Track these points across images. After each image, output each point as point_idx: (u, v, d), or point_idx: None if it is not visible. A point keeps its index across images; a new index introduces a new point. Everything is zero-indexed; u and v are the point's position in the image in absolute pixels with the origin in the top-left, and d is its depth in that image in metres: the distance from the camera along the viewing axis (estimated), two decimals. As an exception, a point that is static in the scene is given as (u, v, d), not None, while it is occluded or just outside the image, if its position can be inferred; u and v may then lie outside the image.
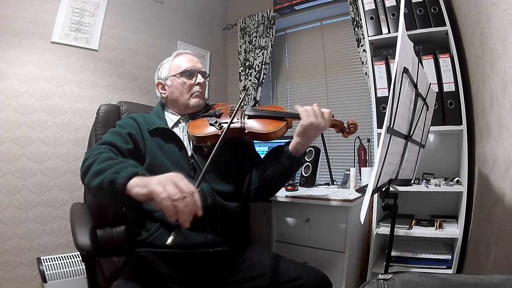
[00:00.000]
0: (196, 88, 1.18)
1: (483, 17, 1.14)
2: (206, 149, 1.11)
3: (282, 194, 1.55)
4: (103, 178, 0.80)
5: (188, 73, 1.17)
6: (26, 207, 1.63)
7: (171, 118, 1.19)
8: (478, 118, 1.35)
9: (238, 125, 1.09)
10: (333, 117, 1.11)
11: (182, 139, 1.11)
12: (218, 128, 1.10)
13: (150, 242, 1.00)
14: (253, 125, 1.11)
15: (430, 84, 1.10)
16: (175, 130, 1.14)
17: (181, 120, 1.18)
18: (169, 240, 0.71)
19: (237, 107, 1.04)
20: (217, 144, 0.89)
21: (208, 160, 0.84)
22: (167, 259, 0.98)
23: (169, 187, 0.70)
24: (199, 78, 1.18)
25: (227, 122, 1.11)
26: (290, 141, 1.08)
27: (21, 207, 1.62)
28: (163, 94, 1.21)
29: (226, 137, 0.95)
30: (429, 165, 1.68)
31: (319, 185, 1.94)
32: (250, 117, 1.13)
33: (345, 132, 1.12)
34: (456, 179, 1.49)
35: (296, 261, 1.07)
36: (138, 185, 0.75)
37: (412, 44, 0.86)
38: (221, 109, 1.20)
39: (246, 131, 1.09)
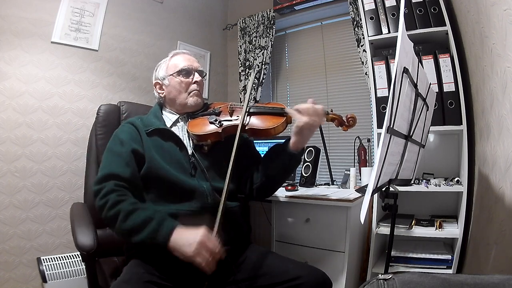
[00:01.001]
0: (194, 86, 1.18)
1: (483, 17, 1.14)
2: (206, 148, 1.11)
3: (282, 194, 1.55)
4: (141, 240, 0.91)
5: (185, 72, 1.18)
6: (26, 207, 1.63)
7: (169, 117, 1.19)
8: (478, 118, 1.34)
9: (238, 122, 1.09)
10: (331, 111, 1.12)
11: (182, 138, 1.11)
12: (218, 126, 1.10)
13: (150, 242, 1.00)
14: (253, 121, 1.11)
15: (430, 84, 1.10)
16: (173, 129, 1.14)
17: (179, 119, 1.19)
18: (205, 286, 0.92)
19: (246, 104, 1.08)
20: (236, 142, 0.99)
21: (232, 159, 0.97)
22: (167, 259, 0.98)
23: (204, 255, 0.87)
24: (196, 77, 1.19)
25: (227, 120, 1.12)
26: (289, 138, 1.09)
27: (21, 207, 1.62)
28: (161, 94, 1.21)
29: (241, 134, 1.03)
30: (429, 165, 1.68)
31: (319, 185, 1.94)
32: (249, 114, 1.13)
33: (344, 126, 1.12)
34: (456, 179, 1.49)
35: (296, 260, 1.07)
36: (177, 251, 0.89)
37: (412, 44, 0.86)
38: (220, 107, 1.20)
39: (246, 128, 1.10)
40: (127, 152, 1.04)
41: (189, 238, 0.88)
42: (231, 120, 1.12)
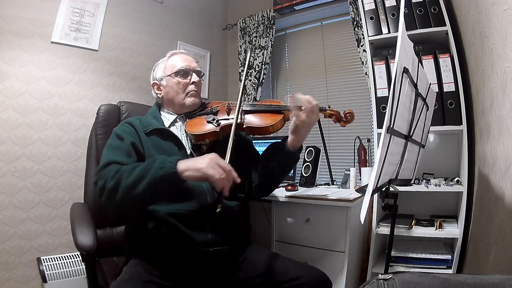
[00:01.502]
0: (191, 87, 1.17)
1: (483, 17, 1.14)
2: (205, 147, 1.11)
3: (282, 194, 1.55)
4: (150, 179, 0.87)
5: (183, 73, 1.17)
6: (26, 207, 1.63)
7: (167, 118, 1.19)
8: (478, 118, 1.34)
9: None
10: (329, 107, 1.12)
11: (180, 138, 1.11)
12: (216, 125, 1.10)
13: (151, 242, 1.00)
14: (251, 119, 1.11)
15: (430, 84, 1.10)
16: (172, 129, 1.14)
17: (177, 119, 1.19)
18: (218, 209, 0.88)
19: (238, 103, 1.06)
20: (230, 139, 0.98)
21: (228, 156, 0.95)
22: (167, 259, 0.98)
23: (217, 169, 0.87)
24: (194, 77, 1.18)
25: (224, 119, 1.12)
26: (286, 137, 1.10)
27: (21, 207, 1.62)
28: (158, 95, 1.21)
29: (235, 132, 1.02)
30: (429, 165, 1.68)
31: (319, 185, 1.94)
32: (247, 112, 1.13)
33: (342, 121, 1.12)
34: (456, 179, 1.49)
35: (296, 260, 1.07)
36: (189, 169, 0.88)
37: (412, 44, 0.86)
38: (217, 106, 1.20)
39: (244, 126, 1.10)
40: (127, 145, 1.04)
41: (199, 159, 0.90)
42: (228, 119, 1.12)
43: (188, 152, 1.10)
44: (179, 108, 1.19)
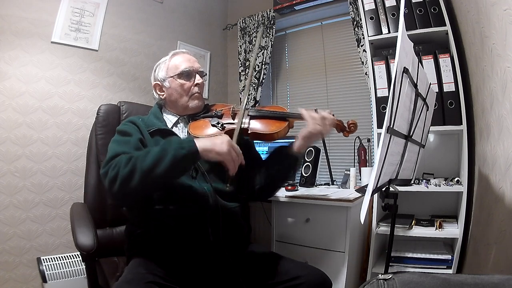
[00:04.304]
0: (195, 89, 1.16)
1: (483, 17, 1.14)
2: None
3: (282, 194, 1.55)
4: (172, 159, 0.88)
5: (187, 74, 1.16)
6: (26, 207, 1.63)
7: (169, 119, 1.18)
8: (478, 118, 1.34)
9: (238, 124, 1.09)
10: (333, 115, 1.12)
11: None
12: (221, 129, 1.10)
13: (152, 242, 1.00)
14: (255, 125, 1.11)
15: (430, 84, 1.10)
16: (174, 130, 1.14)
17: (179, 121, 1.18)
18: (227, 187, 1.00)
19: (242, 109, 1.07)
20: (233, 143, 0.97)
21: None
22: (168, 259, 0.98)
23: (233, 154, 0.93)
24: (198, 79, 1.17)
25: (229, 123, 1.12)
26: (292, 142, 1.10)
27: (21, 207, 1.62)
28: (161, 96, 1.20)
29: (238, 139, 1.03)
30: (429, 165, 1.68)
31: (319, 185, 1.94)
32: (252, 117, 1.13)
33: (345, 132, 1.13)
34: (456, 179, 1.49)
35: (296, 260, 1.07)
36: (211, 151, 0.92)
37: (412, 44, 0.86)
38: (222, 110, 1.19)
39: (249, 132, 1.10)
40: (135, 139, 1.02)
41: (218, 139, 0.94)
42: (233, 123, 1.12)
43: None
44: (182, 110, 1.18)
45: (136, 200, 0.99)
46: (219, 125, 1.11)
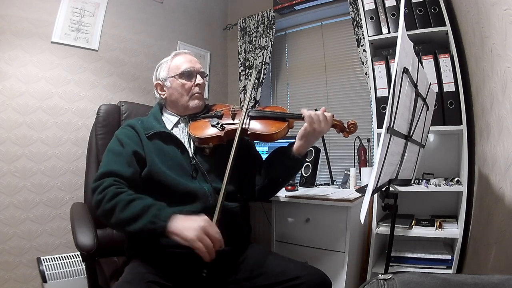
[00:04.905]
0: (196, 89, 1.17)
1: (483, 17, 1.14)
2: (208, 150, 1.11)
3: (282, 194, 1.55)
4: (140, 227, 0.89)
5: (188, 74, 1.16)
6: (26, 207, 1.63)
7: (170, 119, 1.18)
8: (478, 118, 1.34)
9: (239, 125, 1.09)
10: (333, 117, 1.12)
11: (183, 140, 1.11)
12: (220, 129, 1.10)
13: (151, 243, 1.00)
14: (255, 126, 1.11)
15: (430, 84, 1.10)
16: (174, 131, 1.14)
17: (180, 121, 1.18)
18: (203, 273, 0.89)
19: (246, 107, 1.08)
20: (234, 144, 0.99)
21: (230, 161, 0.97)
22: (168, 259, 0.98)
23: (205, 241, 0.86)
24: (198, 79, 1.17)
25: (229, 124, 1.12)
26: (293, 143, 1.10)
27: (21, 207, 1.62)
28: (162, 95, 1.20)
29: (239, 139, 1.03)
30: (429, 165, 1.68)
31: (319, 185, 1.94)
32: (252, 118, 1.13)
33: (345, 132, 1.13)
34: (456, 179, 1.49)
35: (296, 260, 1.07)
36: (178, 235, 0.87)
37: (412, 44, 0.86)
38: (222, 110, 1.19)
39: (248, 132, 1.10)
40: (128, 153, 1.03)
41: (190, 223, 0.88)
42: (233, 124, 1.12)
43: (190, 155, 1.10)
44: (182, 110, 1.18)
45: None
46: (219, 125, 1.11)
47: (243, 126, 1.09)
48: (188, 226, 0.87)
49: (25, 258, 1.61)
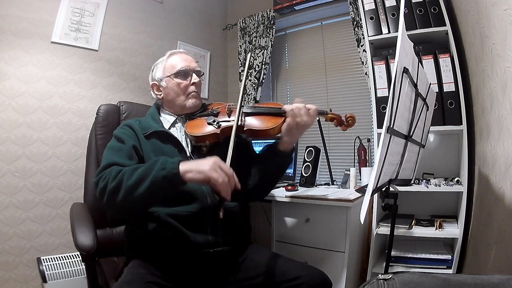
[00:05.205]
0: (192, 88, 1.17)
1: (483, 17, 1.14)
2: (205, 149, 1.11)
3: (282, 194, 1.55)
4: (152, 180, 0.86)
5: (183, 73, 1.16)
6: (26, 207, 1.63)
7: (167, 119, 1.18)
8: (478, 118, 1.34)
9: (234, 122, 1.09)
10: (330, 111, 1.12)
11: (180, 140, 1.11)
12: (216, 127, 1.10)
13: (151, 243, 1.00)
14: (251, 122, 1.11)
15: (430, 84, 1.10)
16: (172, 130, 1.14)
17: (177, 121, 1.18)
18: (221, 214, 0.87)
19: (239, 106, 1.06)
20: (231, 141, 0.97)
21: (228, 159, 0.93)
22: (168, 260, 0.98)
23: (220, 173, 0.85)
24: (194, 78, 1.17)
25: (225, 121, 1.12)
26: (279, 138, 1.11)
27: (21, 207, 1.62)
28: (158, 96, 1.20)
29: (236, 135, 1.01)
30: (429, 165, 1.68)
31: (319, 185, 1.94)
32: (248, 114, 1.13)
33: (343, 125, 1.13)
34: (456, 179, 1.49)
35: (296, 260, 1.07)
36: (191, 171, 0.86)
37: (412, 44, 0.86)
38: (218, 108, 1.20)
39: (245, 129, 1.10)
40: (128, 147, 1.04)
41: (202, 161, 0.88)
42: (229, 121, 1.12)
43: (188, 154, 1.10)
44: (179, 109, 1.18)
45: (127, 213, 1.01)
46: (215, 123, 1.11)
47: (239, 122, 1.09)
48: (201, 162, 0.87)
49: (25, 258, 1.61)
